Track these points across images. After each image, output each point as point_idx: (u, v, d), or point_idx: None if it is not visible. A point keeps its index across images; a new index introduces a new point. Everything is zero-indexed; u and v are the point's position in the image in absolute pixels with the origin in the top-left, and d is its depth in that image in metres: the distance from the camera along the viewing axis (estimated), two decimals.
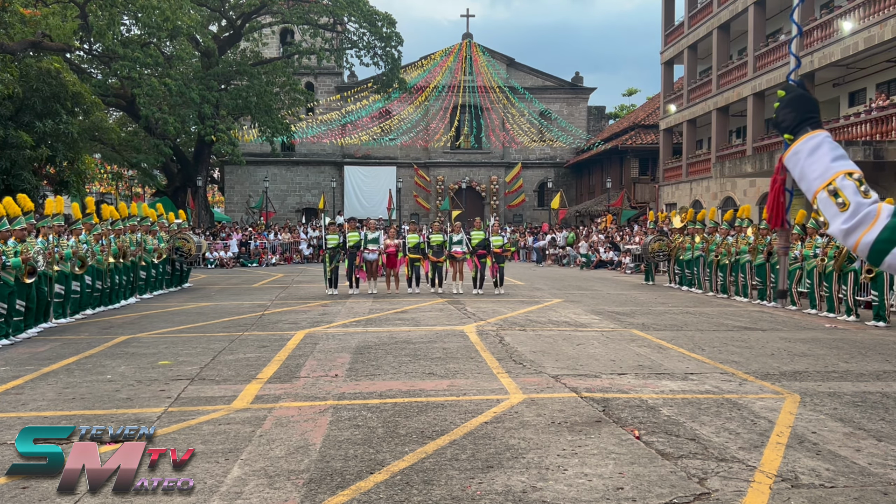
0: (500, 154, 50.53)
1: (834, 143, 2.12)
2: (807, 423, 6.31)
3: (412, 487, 4.76)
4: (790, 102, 2.25)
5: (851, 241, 1.99)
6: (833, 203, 2.00)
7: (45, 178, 29.83)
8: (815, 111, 2.20)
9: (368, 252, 17.52)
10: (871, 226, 1.97)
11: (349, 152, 49.49)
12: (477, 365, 8.87)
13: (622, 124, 49.26)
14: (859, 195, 1.99)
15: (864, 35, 21.42)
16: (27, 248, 11.12)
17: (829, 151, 2.10)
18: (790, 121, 2.21)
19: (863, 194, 2.00)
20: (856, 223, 1.98)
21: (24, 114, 24.03)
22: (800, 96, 2.25)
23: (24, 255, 10.84)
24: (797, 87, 2.31)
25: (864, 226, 1.97)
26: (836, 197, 2.00)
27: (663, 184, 38.28)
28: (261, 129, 36.06)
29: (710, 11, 32.09)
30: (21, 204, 11.47)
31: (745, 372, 8.46)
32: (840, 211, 1.99)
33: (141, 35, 30.83)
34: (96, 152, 35.08)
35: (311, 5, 36.00)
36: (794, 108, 2.22)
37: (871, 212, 1.98)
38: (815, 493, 4.68)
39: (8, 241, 10.92)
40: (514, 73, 50.24)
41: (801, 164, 2.14)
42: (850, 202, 1.98)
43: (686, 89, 35.23)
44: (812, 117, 2.18)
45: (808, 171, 2.12)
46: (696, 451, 5.51)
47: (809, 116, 2.19)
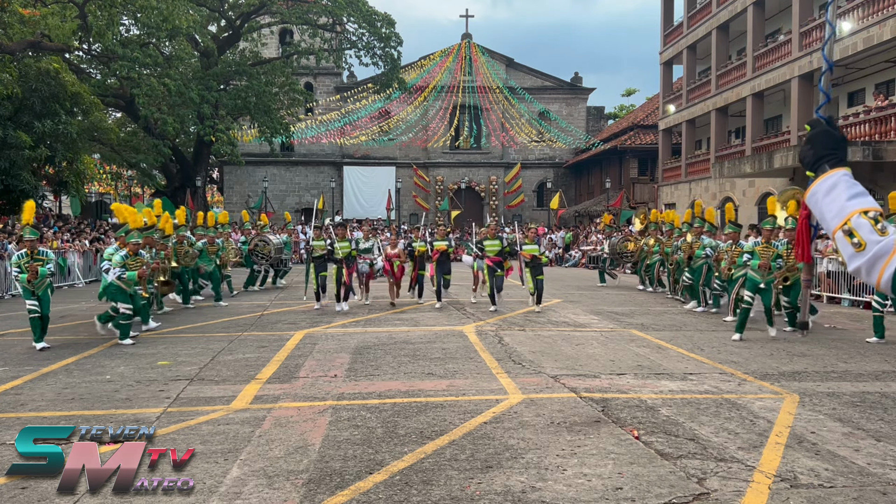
0: (500, 154, 50.51)
1: (851, 182, 2.09)
2: (806, 423, 6.32)
3: (411, 488, 4.76)
4: (811, 139, 2.22)
5: (873, 279, 1.96)
6: (849, 243, 1.98)
7: (45, 178, 29.85)
8: (837, 148, 2.16)
9: (361, 261, 15.43)
10: (888, 260, 1.93)
11: (348, 152, 49.46)
12: (476, 365, 8.88)
13: (621, 124, 49.25)
14: (875, 233, 1.96)
15: (863, 35, 21.43)
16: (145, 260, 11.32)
17: (845, 190, 2.07)
18: (810, 158, 2.19)
19: (879, 232, 1.96)
20: (872, 260, 1.95)
21: (23, 114, 24.02)
22: (822, 133, 2.21)
23: (141, 271, 10.92)
24: (823, 123, 2.27)
25: (882, 261, 1.94)
26: (851, 237, 1.98)
27: (662, 184, 38.30)
28: (260, 129, 36.02)
29: (710, 12, 32.10)
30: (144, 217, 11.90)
31: (744, 372, 8.47)
32: (856, 252, 1.96)
33: (140, 35, 30.81)
34: (95, 152, 35.02)
35: (310, 5, 35.98)
36: (814, 146, 2.19)
37: (886, 245, 1.94)
38: (814, 492, 4.68)
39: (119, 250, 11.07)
40: (513, 74, 50.23)
41: (819, 205, 2.12)
42: (866, 241, 1.95)
43: (685, 89, 35.24)
44: (831, 155, 2.15)
45: (826, 211, 2.09)
46: (695, 451, 5.52)
47: (829, 154, 2.15)
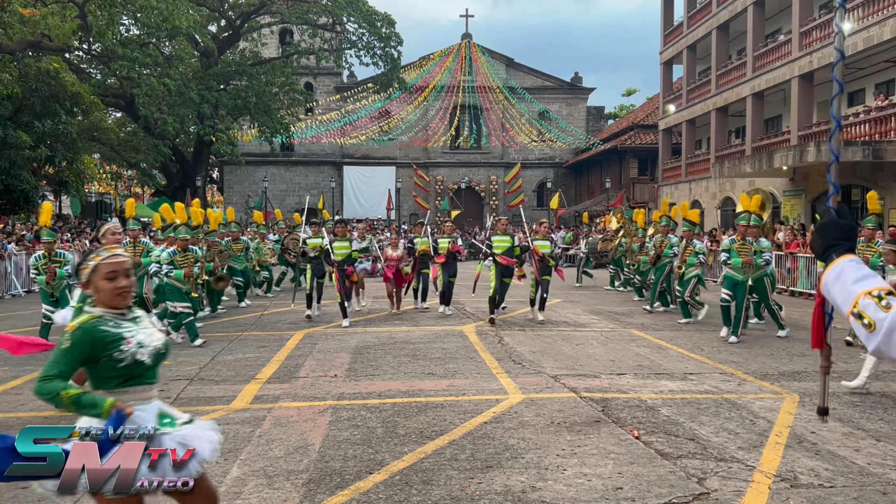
0: (500, 154, 50.52)
1: (856, 265, 2.13)
2: (806, 423, 6.32)
3: (411, 487, 4.76)
4: (819, 229, 2.27)
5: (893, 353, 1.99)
6: (861, 326, 2.01)
7: (45, 178, 29.86)
8: (843, 237, 2.21)
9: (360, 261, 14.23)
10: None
11: (348, 152, 49.46)
12: (476, 365, 8.87)
13: (621, 124, 49.25)
14: (880, 311, 1.98)
15: (863, 35, 21.42)
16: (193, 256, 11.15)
17: (850, 275, 2.11)
18: (818, 248, 2.25)
19: (884, 308, 1.98)
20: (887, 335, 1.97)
21: (23, 114, 24.04)
22: (830, 223, 2.26)
23: (187, 270, 10.75)
24: (831, 213, 2.35)
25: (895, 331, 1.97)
26: (861, 319, 2.01)
27: (662, 184, 38.29)
28: (260, 129, 36.04)
29: (710, 11, 32.10)
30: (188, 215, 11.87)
31: (744, 372, 8.47)
32: (869, 333, 1.99)
33: (140, 35, 30.84)
34: (95, 152, 35.06)
35: (310, 5, 35.99)
36: (822, 236, 2.24)
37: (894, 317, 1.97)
38: (814, 492, 4.68)
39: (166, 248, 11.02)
40: (513, 74, 50.24)
41: (831, 293, 2.16)
42: (875, 321, 1.98)
43: (685, 89, 35.24)
44: (838, 244, 2.19)
45: (836, 298, 2.13)
46: (695, 450, 5.52)
47: (835, 244, 2.20)
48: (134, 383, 3.07)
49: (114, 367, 2.99)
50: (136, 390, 3.08)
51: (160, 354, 3.12)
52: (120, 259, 3.10)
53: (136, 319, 3.18)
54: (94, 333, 2.99)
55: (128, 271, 3.12)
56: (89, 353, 2.97)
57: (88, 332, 2.99)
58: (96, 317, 3.06)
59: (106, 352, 2.98)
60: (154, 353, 3.09)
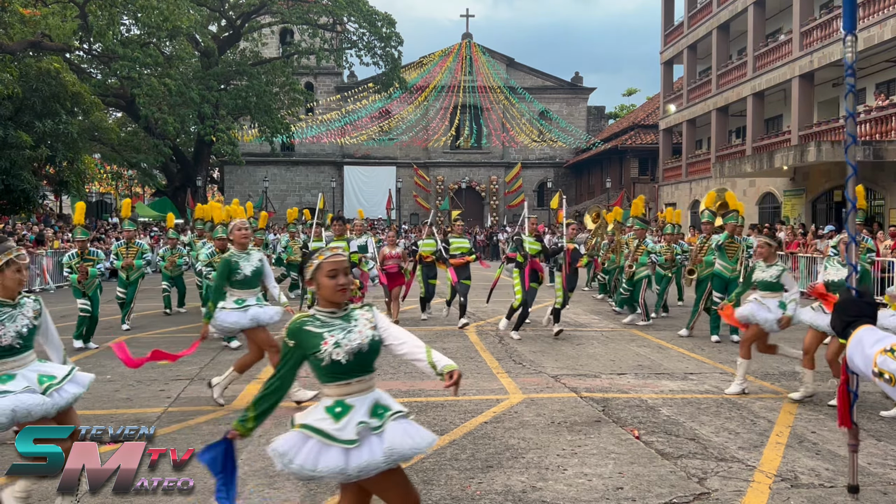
0: (500, 154, 50.51)
1: (872, 330, 2.21)
2: (806, 422, 6.32)
3: None
4: (838, 308, 2.37)
5: None
6: (884, 382, 2.08)
7: (45, 178, 29.86)
8: (861, 314, 2.29)
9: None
10: None
11: (349, 152, 49.46)
12: (477, 365, 8.87)
13: (622, 124, 49.24)
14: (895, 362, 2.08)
15: (863, 35, 21.39)
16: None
17: (867, 340, 2.19)
18: (839, 327, 2.33)
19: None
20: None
21: (23, 114, 24.04)
22: (847, 301, 2.36)
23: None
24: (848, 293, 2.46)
25: None
26: (882, 377, 2.08)
27: (663, 184, 38.29)
28: (260, 128, 36.05)
29: (710, 11, 32.08)
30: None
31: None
32: (892, 386, 2.07)
33: (140, 35, 30.84)
34: (96, 152, 35.07)
35: (310, 5, 35.99)
36: (840, 315, 2.34)
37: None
38: (814, 492, 4.68)
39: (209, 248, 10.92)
40: (513, 73, 50.23)
41: (855, 363, 2.23)
42: (893, 374, 2.06)
43: (686, 89, 35.23)
44: (855, 321, 2.28)
45: (860, 365, 2.21)
46: (695, 450, 5.52)
47: (853, 320, 2.28)
48: (342, 379, 3.18)
49: (318, 365, 3.16)
50: (346, 384, 3.19)
51: (362, 353, 3.18)
52: (341, 258, 3.28)
53: (348, 317, 3.28)
54: (299, 334, 3.18)
55: (346, 269, 3.29)
56: (301, 351, 3.17)
57: (295, 332, 3.18)
58: (305, 316, 3.25)
59: (310, 351, 3.16)
60: (353, 353, 3.16)
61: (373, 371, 3.28)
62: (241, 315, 6.75)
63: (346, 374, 3.17)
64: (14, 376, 4.04)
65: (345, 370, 3.16)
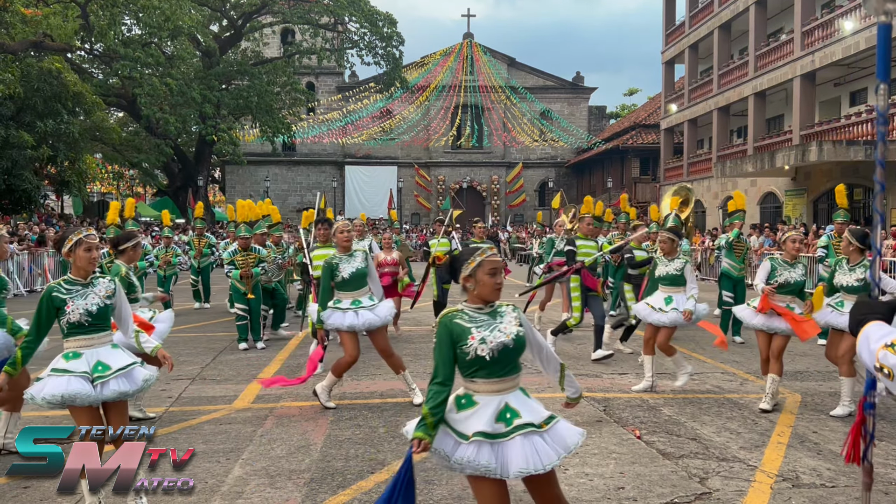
0: (501, 154, 50.51)
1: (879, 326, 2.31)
2: (808, 422, 6.31)
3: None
4: (853, 309, 2.53)
5: None
6: (884, 377, 2.17)
7: (47, 177, 29.89)
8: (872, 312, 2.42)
9: None
10: None
11: (350, 152, 49.48)
12: None
13: (623, 124, 49.23)
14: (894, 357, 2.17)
15: (864, 35, 21.40)
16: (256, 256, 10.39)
17: (873, 335, 2.29)
18: (852, 325, 2.48)
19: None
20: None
21: (25, 114, 24.06)
22: (862, 303, 2.53)
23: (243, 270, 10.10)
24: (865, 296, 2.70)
25: None
26: (882, 371, 2.18)
27: (664, 183, 38.26)
28: (262, 128, 36.06)
29: (711, 11, 32.07)
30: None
31: (746, 371, 8.46)
32: (890, 380, 2.17)
33: (142, 35, 30.86)
34: (97, 152, 35.10)
35: (311, 5, 36.01)
36: (855, 314, 2.49)
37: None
38: (816, 492, 4.67)
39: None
40: (514, 73, 50.22)
41: (863, 359, 2.34)
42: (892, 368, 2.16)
43: (687, 89, 35.21)
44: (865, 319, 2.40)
45: (867, 362, 2.31)
46: (697, 450, 5.51)
47: (862, 319, 2.42)
48: (481, 375, 3.23)
49: (463, 359, 3.21)
50: (485, 382, 3.23)
51: (507, 349, 3.22)
52: (498, 258, 3.35)
53: (495, 314, 3.33)
54: (450, 327, 3.25)
55: (503, 269, 3.38)
56: (453, 344, 3.23)
57: (446, 325, 3.26)
58: (455, 311, 3.32)
59: (458, 345, 3.22)
60: (498, 349, 3.20)
61: (517, 371, 3.31)
62: (339, 317, 6.67)
63: (488, 370, 3.22)
64: (80, 356, 4.13)
65: (488, 366, 3.21)
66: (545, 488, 3.23)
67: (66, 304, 4.11)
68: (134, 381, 4.18)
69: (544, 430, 3.18)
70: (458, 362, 3.25)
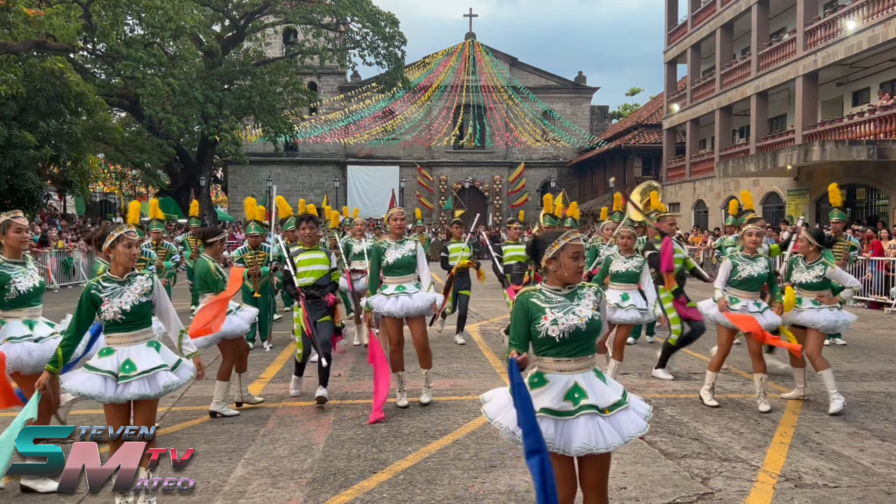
0: (503, 154, 50.48)
1: None
2: (810, 422, 6.29)
3: (415, 487, 4.75)
4: None
5: None
6: None
7: (49, 177, 29.88)
8: None
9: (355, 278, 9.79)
10: None
11: (352, 152, 49.49)
12: (480, 364, 8.86)
13: (625, 124, 49.19)
14: None
15: (867, 34, 21.35)
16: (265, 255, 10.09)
17: None
18: None
19: None
20: None
21: (27, 114, 24.06)
22: None
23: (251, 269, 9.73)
24: None
25: None
26: None
27: (667, 183, 38.22)
28: (264, 128, 36.04)
29: (714, 11, 32.03)
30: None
31: (748, 372, 8.43)
32: None
33: (144, 35, 30.86)
34: (100, 152, 35.09)
35: (313, 5, 35.98)
36: None
37: None
38: (818, 492, 4.66)
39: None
40: (516, 73, 50.20)
41: None
42: None
43: (689, 89, 35.17)
44: None
45: None
46: (699, 450, 5.50)
47: None
48: (551, 354, 3.35)
49: (536, 337, 3.34)
50: (553, 361, 3.35)
51: (579, 332, 3.31)
52: (581, 242, 3.45)
53: (572, 296, 3.41)
54: (526, 305, 3.37)
55: (584, 253, 3.46)
56: (528, 322, 3.34)
57: (521, 303, 3.39)
58: (533, 290, 3.43)
59: (532, 323, 3.33)
60: (569, 331, 3.30)
61: (589, 353, 3.39)
62: (381, 301, 6.75)
63: (558, 349, 3.32)
64: (112, 353, 4.19)
65: (558, 346, 3.31)
66: (598, 472, 3.31)
67: (102, 302, 4.18)
68: (155, 385, 4.18)
69: (607, 415, 3.27)
70: (532, 339, 3.36)
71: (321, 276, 6.93)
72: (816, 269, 6.83)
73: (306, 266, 6.92)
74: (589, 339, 3.36)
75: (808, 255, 6.90)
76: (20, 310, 5.08)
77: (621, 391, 3.43)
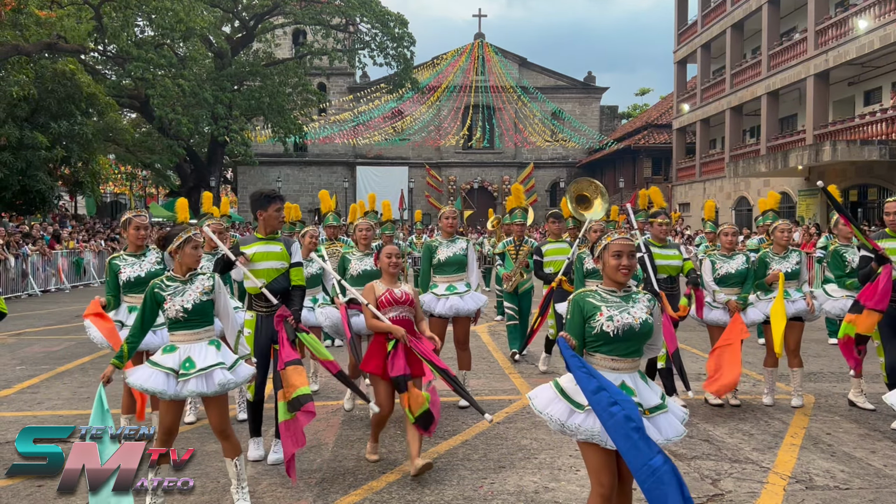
0: (513, 154, 50.46)
1: None
2: (821, 424, 6.26)
3: (424, 487, 4.75)
4: None
5: None
6: None
7: (60, 178, 30.07)
8: None
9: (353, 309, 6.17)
10: None
11: (361, 152, 49.57)
12: (489, 365, 8.85)
13: (635, 124, 49.08)
14: None
15: (879, 34, 21.23)
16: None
17: None
18: None
19: None
20: None
21: (39, 115, 24.23)
22: None
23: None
24: None
25: None
26: None
27: (676, 184, 38.11)
28: (273, 129, 36.14)
29: (724, 10, 31.92)
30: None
31: (758, 372, 8.38)
32: None
33: (155, 36, 30.99)
34: (110, 153, 35.30)
35: (323, 6, 36.05)
36: None
37: None
38: (829, 494, 4.64)
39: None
40: (526, 73, 50.16)
41: None
42: None
43: (699, 88, 35.07)
44: None
45: None
46: (709, 452, 5.48)
47: None
48: (603, 351, 3.42)
49: (589, 333, 3.41)
50: (604, 358, 3.42)
51: (632, 331, 3.38)
52: (628, 241, 3.50)
53: (628, 298, 3.49)
54: (581, 304, 3.45)
55: (633, 252, 3.50)
56: (583, 320, 3.42)
57: (577, 303, 3.47)
58: (589, 291, 3.52)
59: (587, 320, 3.42)
60: (623, 329, 3.37)
61: (638, 355, 3.48)
62: (432, 301, 6.77)
63: (610, 346, 3.39)
64: (175, 350, 4.29)
65: (611, 343, 3.38)
66: None
67: (165, 300, 4.29)
68: (211, 382, 4.22)
69: (647, 416, 3.34)
70: (586, 336, 3.43)
71: (275, 277, 5.08)
72: (793, 256, 7.00)
73: (259, 262, 5.07)
74: (640, 340, 3.43)
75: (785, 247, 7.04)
76: (127, 296, 5.62)
77: (661, 394, 3.51)
